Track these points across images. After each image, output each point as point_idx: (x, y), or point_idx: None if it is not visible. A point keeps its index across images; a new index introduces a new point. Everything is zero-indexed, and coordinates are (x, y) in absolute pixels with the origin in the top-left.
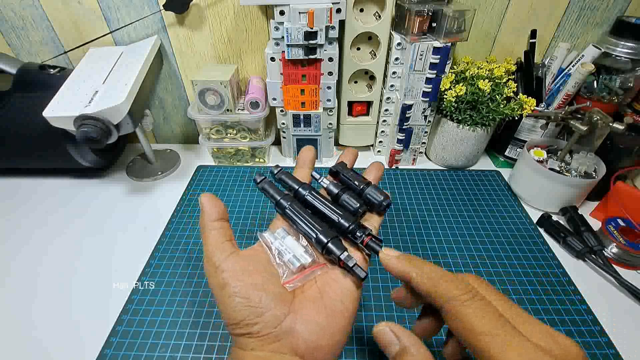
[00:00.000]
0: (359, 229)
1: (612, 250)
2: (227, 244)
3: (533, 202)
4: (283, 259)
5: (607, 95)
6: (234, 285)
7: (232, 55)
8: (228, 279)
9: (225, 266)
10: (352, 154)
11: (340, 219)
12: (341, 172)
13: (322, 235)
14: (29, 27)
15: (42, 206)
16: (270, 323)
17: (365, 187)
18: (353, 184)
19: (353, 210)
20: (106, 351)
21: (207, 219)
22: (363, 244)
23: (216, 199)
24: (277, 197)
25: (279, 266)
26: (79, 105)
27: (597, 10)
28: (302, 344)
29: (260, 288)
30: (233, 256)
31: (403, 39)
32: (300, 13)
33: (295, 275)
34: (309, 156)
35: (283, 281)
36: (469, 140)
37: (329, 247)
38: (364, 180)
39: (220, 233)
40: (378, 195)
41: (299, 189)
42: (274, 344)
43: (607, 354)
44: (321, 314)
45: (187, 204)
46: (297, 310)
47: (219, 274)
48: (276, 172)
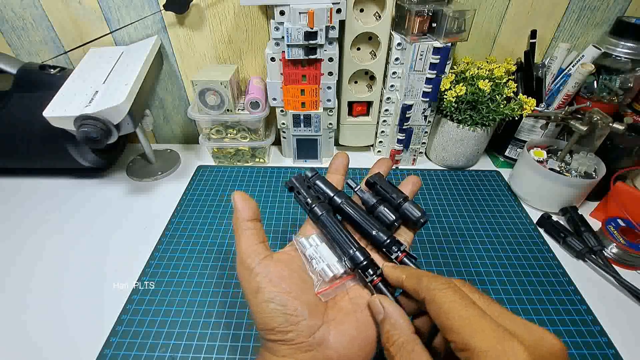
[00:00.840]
0: (394, 244)
1: (612, 251)
2: (260, 246)
3: (533, 202)
4: (316, 268)
5: (607, 95)
6: (269, 291)
7: (232, 55)
8: (263, 284)
9: (259, 269)
10: (386, 164)
11: (378, 231)
12: (378, 183)
13: (359, 254)
14: (29, 27)
15: (42, 206)
16: (304, 332)
17: (402, 202)
18: (391, 197)
19: (389, 223)
20: (106, 351)
21: (240, 218)
22: (398, 260)
23: (249, 197)
24: (312, 204)
25: (313, 273)
26: (79, 105)
27: (597, 10)
28: (334, 355)
29: (295, 296)
30: (267, 260)
31: (403, 39)
32: (301, 13)
33: (329, 285)
34: (343, 162)
35: (317, 290)
36: (469, 140)
37: (363, 266)
38: (401, 194)
39: (254, 234)
40: (416, 212)
41: (334, 197)
42: (306, 354)
43: (607, 354)
44: (353, 326)
45: (187, 204)
46: (329, 321)
47: (253, 278)
48: (311, 176)
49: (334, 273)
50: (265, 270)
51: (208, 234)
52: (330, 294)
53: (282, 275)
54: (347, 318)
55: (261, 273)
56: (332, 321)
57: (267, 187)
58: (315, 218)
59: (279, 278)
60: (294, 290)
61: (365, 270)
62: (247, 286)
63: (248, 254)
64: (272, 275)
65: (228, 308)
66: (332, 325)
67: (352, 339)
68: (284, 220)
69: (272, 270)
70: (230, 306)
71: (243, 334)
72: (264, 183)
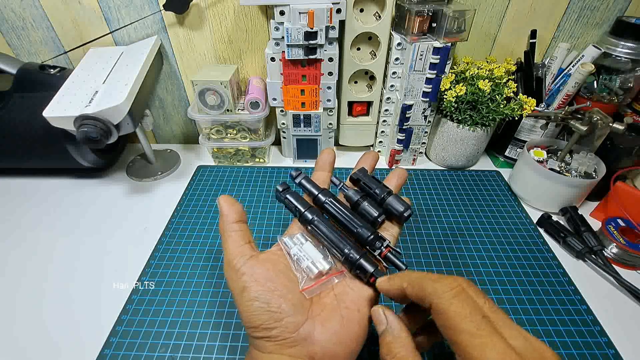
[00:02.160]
0: (377, 239)
1: (612, 251)
2: (246, 247)
3: (533, 202)
4: (301, 265)
5: (607, 95)
6: (254, 290)
7: (232, 55)
8: (248, 283)
9: (245, 269)
10: (372, 158)
11: (360, 228)
12: (362, 179)
13: (354, 253)
14: (29, 27)
15: (42, 206)
16: (288, 328)
17: (386, 197)
18: (374, 192)
19: (372, 219)
20: (106, 351)
21: (225, 221)
22: (381, 255)
23: (234, 201)
24: (302, 209)
25: (297, 271)
26: (79, 105)
27: (597, 10)
28: (319, 351)
29: (279, 294)
30: (253, 259)
31: (403, 39)
32: (301, 13)
33: (314, 282)
34: (329, 159)
35: (301, 287)
36: (469, 140)
37: (360, 264)
38: (385, 189)
39: (240, 235)
40: (399, 206)
41: (318, 195)
42: (292, 349)
43: (607, 354)
44: (337, 322)
45: (187, 204)
46: (314, 317)
47: (239, 277)
48: (296, 176)
49: (319, 269)
50: (250, 270)
51: (208, 234)
52: (315, 291)
53: (267, 275)
54: (332, 314)
55: (247, 273)
56: (317, 317)
57: (267, 187)
58: (307, 222)
59: (265, 277)
60: (278, 289)
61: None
62: (234, 286)
63: (234, 255)
64: (257, 275)
65: (228, 308)
66: (317, 321)
67: (337, 335)
68: (284, 220)
69: (257, 270)
70: (231, 306)
71: (243, 334)
72: (264, 183)
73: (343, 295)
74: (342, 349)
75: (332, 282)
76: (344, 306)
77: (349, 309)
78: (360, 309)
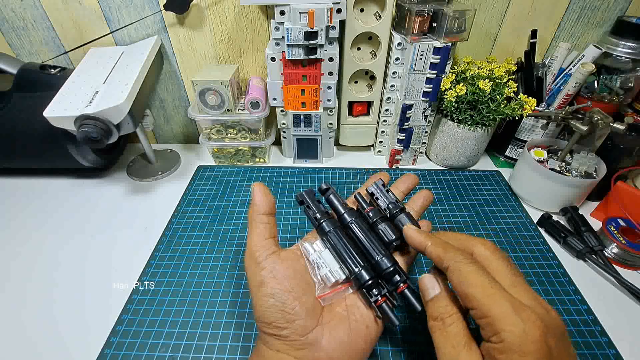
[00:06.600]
0: (396, 274)
1: (612, 251)
2: (270, 241)
3: (533, 202)
4: (319, 273)
5: (607, 95)
6: (271, 287)
7: (232, 55)
8: (267, 278)
9: (265, 264)
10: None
11: (382, 257)
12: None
13: (365, 272)
14: (30, 27)
15: (42, 206)
16: (298, 331)
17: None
18: (382, 210)
19: (387, 242)
20: (106, 351)
21: (256, 211)
22: (398, 291)
23: (267, 192)
24: (321, 219)
25: (314, 276)
26: (79, 105)
27: (597, 10)
28: (324, 357)
29: (295, 295)
30: (274, 256)
31: (403, 39)
32: (301, 13)
33: (329, 290)
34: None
35: (318, 294)
36: (469, 140)
37: (368, 286)
38: (398, 206)
39: (266, 228)
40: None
41: (344, 214)
42: (298, 352)
43: (607, 354)
44: (345, 332)
45: (188, 204)
46: (324, 324)
47: (259, 271)
48: (325, 189)
49: (336, 279)
50: (271, 266)
51: (208, 234)
52: (330, 299)
53: (286, 274)
54: (341, 324)
55: (267, 268)
56: (326, 324)
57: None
58: (323, 233)
59: (283, 276)
60: (295, 290)
61: (370, 290)
62: (252, 278)
63: (257, 248)
64: (277, 272)
65: (228, 308)
66: (326, 329)
67: (343, 344)
68: (284, 220)
69: (278, 268)
70: (231, 306)
71: (243, 334)
72: (264, 183)
73: (354, 307)
74: (347, 359)
75: (347, 291)
76: (354, 319)
77: (357, 322)
78: (368, 324)
